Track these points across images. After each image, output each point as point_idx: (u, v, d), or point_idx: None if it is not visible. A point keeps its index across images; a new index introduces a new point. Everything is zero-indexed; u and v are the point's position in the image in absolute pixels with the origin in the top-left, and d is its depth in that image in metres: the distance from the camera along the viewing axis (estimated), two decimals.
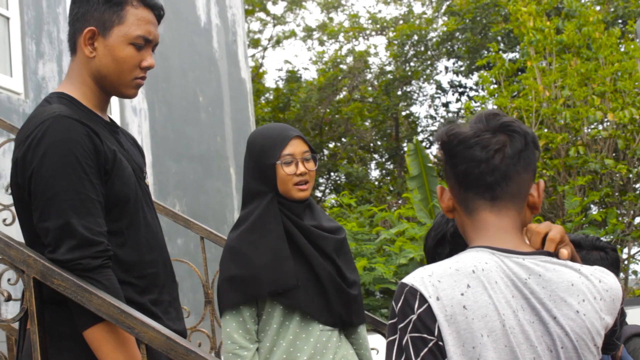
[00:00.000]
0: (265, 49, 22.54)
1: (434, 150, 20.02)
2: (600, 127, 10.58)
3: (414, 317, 1.58)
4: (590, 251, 2.76)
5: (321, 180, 20.39)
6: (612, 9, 15.34)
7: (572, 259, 1.76)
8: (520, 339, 1.59)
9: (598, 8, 14.93)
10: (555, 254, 1.72)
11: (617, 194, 10.33)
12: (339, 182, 20.38)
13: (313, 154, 2.96)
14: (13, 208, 3.64)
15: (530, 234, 1.76)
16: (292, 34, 22.70)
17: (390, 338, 1.61)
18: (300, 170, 2.88)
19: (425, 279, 1.61)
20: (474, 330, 1.56)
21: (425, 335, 1.56)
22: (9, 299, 2.18)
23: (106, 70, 2.27)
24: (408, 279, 1.63)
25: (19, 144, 2.18)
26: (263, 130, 2.99)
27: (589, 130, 10.34)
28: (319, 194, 20.23)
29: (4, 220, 3.77)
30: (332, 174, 20.27)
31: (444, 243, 2.33)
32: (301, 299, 2.80)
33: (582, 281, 1.66)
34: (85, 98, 2.29)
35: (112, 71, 2.27)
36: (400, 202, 17.78)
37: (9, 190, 4.07)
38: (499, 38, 16.60)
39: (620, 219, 10.15)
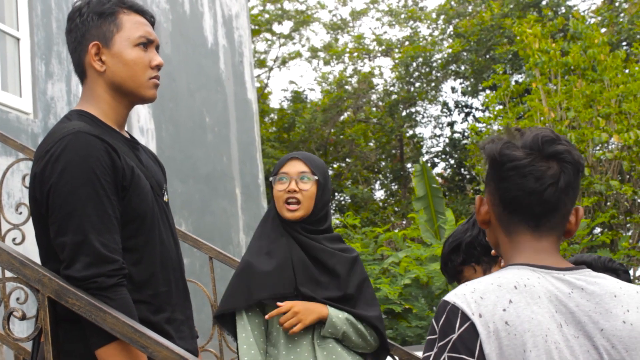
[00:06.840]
0: (270, 69, 22.64)
1: (439, 170, 20.05)
2: (606, 148, 10.59)
3: (455, 336, 1.55)
4: (602, 272, 2.76)
5: None
6: (617, 31, 15.39)
7: None
8: (566, 353, 1.56)
9: (603, 30, 14.98)
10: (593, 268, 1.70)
11: (622, 215, 10.33)
12: (343, 202, 20.38)
13: (314, 175, 2.90)
14: (22, 227, 3.68)
15: None
16: (298, 54, 22.80)
17: (427, 354, 1.59)
18: (290, 187, 2.86)
19: (468, 296, 1.58)
20: (517, 346, 1.53)
21: (464, 357, 1.53)
22: (23, 317, 2.19)
23: (120, 77, 2.30)
24: (450, 297, 1.60)
25: (38, 159, 2.19)
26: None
27: (594, 151, 10.35)
28: None
29: (14, 239, 3.78)
30: (336, 194, 20.27)
31: (459, 251, 2.47)
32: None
33: (623, 292, 1.65)
34: (104, 115, 2.31)
35: (125, 76, 2.30)
36: (404, 222, 17.77)
37: (19, 210, 4.11)
38: (504, 60, 16.65)
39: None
